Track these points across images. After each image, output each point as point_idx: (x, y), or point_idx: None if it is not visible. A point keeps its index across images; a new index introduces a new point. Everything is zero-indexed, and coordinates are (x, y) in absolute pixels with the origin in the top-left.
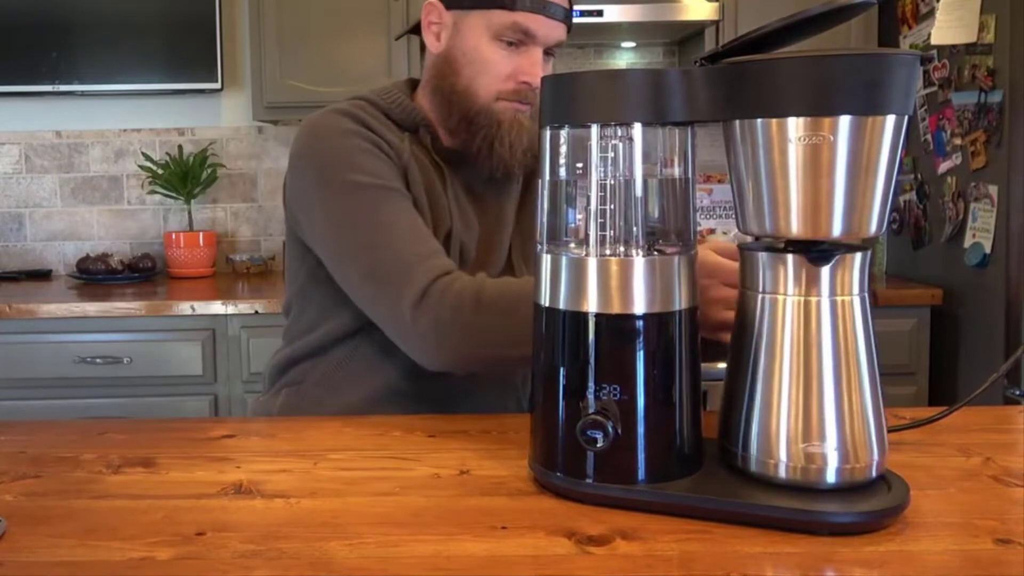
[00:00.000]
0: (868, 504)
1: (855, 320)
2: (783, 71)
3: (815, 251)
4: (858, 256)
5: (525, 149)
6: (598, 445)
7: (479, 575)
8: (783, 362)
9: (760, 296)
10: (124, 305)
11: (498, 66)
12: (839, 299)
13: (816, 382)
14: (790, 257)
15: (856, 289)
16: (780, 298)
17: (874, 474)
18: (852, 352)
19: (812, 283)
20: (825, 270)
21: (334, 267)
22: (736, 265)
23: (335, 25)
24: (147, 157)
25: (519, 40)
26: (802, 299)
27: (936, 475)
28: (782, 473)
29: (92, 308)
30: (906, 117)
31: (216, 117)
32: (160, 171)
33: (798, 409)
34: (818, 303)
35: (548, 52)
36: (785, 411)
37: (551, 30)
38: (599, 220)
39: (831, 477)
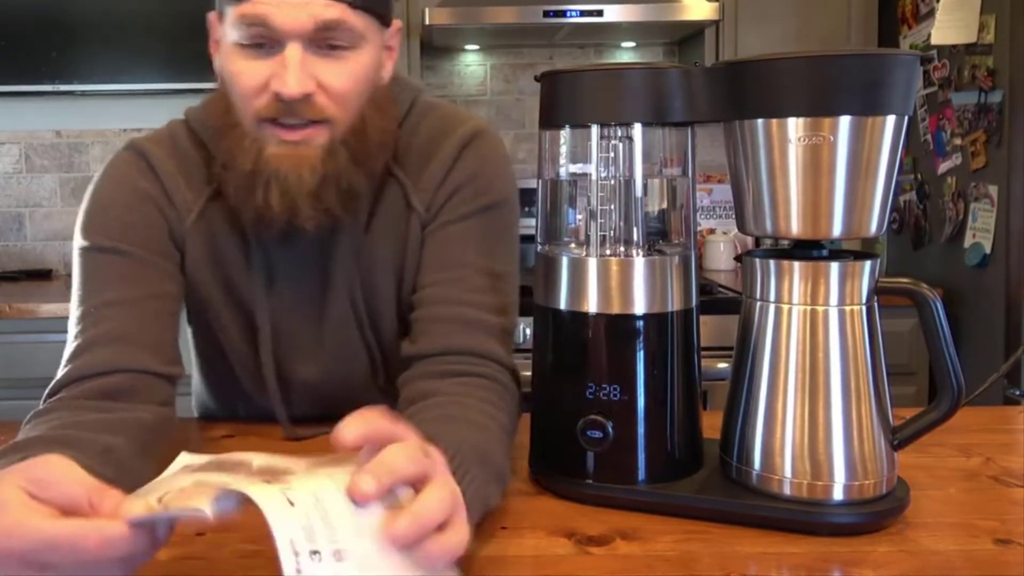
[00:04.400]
0: (868, 504)
1: (863, 330)
2: (783, 71)
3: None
4: (867, 264)
5: (312, 192)
6: (598, 445)
7: (479, 575)
8: (788, 373)
9: (764, 305)
10: None
11: (243, 77)
12: (847, 308)
13: (823, 394)
14: (796, 265)
15: (864, 298)
16: (785, 307)
17: (884, 490)
18: (860, 363)
19: (819, 292)
20: (833, 278)
21: None
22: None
23: None
24: None
25: (265, 37)
26: (808, 308)
27: (936, 475)
28: (786, 490)
29: None
30: (906, 117)
31: None
32: None
33: (803, 423)
34: (825, 312)
35: (337, 45)
36: (790, 425)
37: (301, 14)
38: (599, 220)
39: (839, 494)
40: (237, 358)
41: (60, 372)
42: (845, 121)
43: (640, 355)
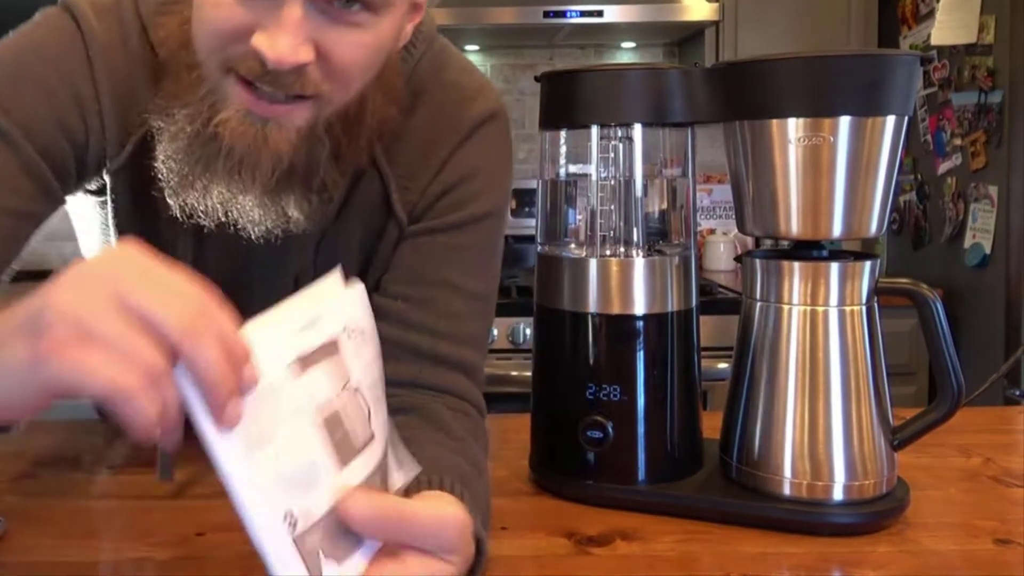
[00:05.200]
0: (868, 504)
1: (863, 331)
2: (783, 71)
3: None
4: (867, 265)
5: (268, 188)
6: (598, 445)
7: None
8: (788, 374)
9: (764, 305)
10: None
11: (217, 13)
12: (847, 309)
13: (823, 395)
14: (796, 265)
15: (864, 299)
16: (785, 308)
17: (884, 490)
18: (860, 363)
19: (819, 292)
20: (833, 279)
21: None
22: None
23: None
24: None
25: None
26: (808, 309)
27: (936, 475)
28: (786, 490)
29: None
30: (906, 117)
31: None
32: None
33: (803, 423)
34: (825, 313)
35: (353, 4)
36: (790, 425)
37: None
38: (599, 220)
39: (838, 494)
40: None
41: None
42: (845, 121)
43: (640, 355)
